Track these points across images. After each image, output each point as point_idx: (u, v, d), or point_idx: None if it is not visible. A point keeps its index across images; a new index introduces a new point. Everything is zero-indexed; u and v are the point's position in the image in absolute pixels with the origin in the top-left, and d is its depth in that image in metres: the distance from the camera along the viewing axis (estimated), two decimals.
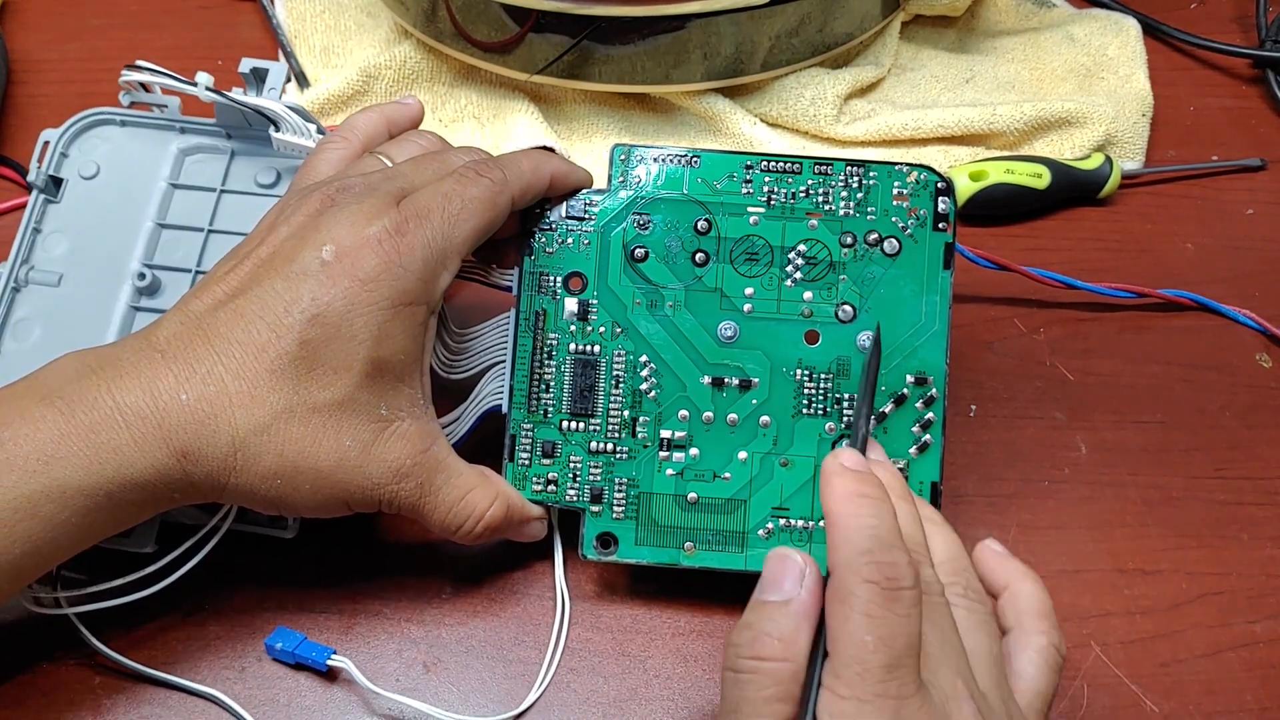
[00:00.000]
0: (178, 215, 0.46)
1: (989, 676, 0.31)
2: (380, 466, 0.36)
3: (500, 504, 0.39)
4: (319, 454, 0.35)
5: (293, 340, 0.35)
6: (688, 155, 0.41)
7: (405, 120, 0.43)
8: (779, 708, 0.29)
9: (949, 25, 0.61)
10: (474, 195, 0.37)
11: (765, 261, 0.41)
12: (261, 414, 0.35)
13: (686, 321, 0.41)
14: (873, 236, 0.40)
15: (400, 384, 0.37)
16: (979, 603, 0.33)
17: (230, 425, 0.34)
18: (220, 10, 0.60)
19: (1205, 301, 0.50)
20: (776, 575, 0.31)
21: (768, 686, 0.29)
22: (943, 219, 0.41)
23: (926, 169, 0.41)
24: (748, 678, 0.30)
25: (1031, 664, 0.33)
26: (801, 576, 0.31)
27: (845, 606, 0.29)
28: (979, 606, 0.33)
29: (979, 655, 0.31)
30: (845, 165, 0.41)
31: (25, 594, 0.38)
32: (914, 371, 0.40)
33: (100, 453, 0.33)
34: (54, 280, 0.44)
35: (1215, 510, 0.46)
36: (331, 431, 0.35)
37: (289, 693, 0.40)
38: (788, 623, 0.30)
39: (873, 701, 0.28)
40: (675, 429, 0.41)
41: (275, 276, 0.35)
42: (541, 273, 0.41)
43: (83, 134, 0.46)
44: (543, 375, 0.41)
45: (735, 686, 0.30)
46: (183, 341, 0.35)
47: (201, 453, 0.34)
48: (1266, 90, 0.59)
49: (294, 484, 0.36)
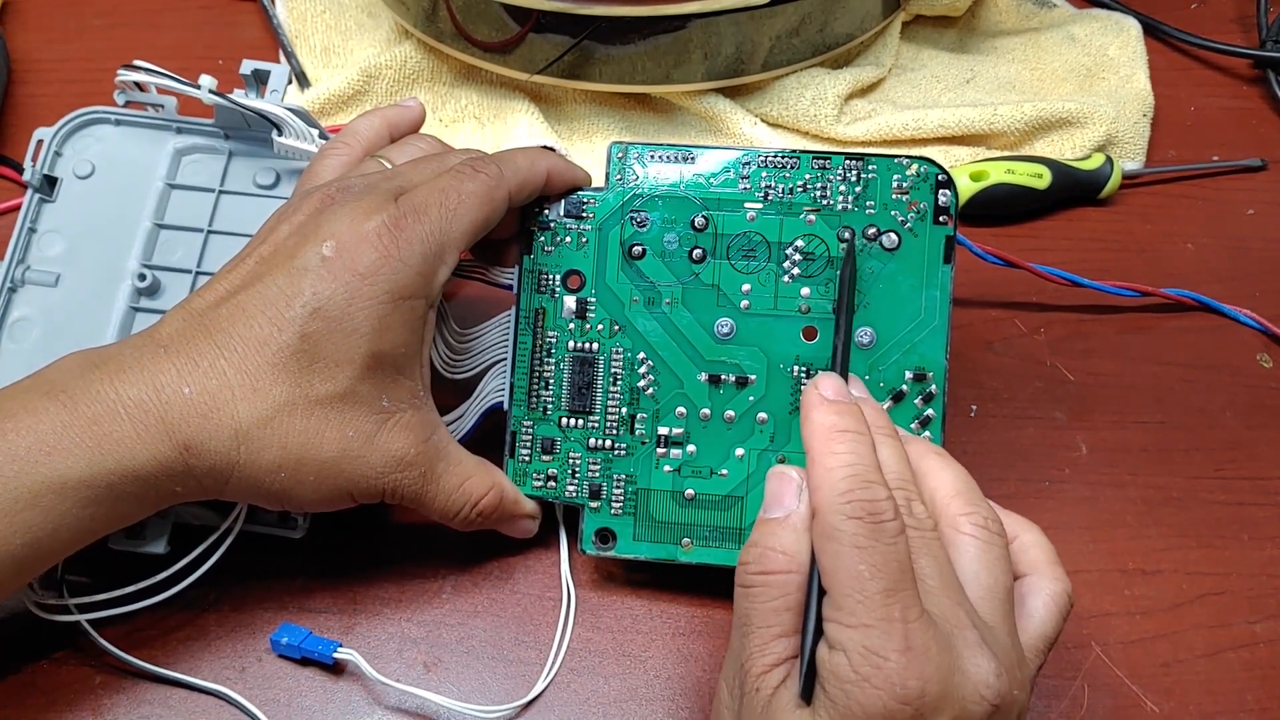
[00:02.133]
0: (175, 216, 0.45)
1: (999, 611, 0.32)
2: (383, 456, 0.37)
3: (495, 493, 0.40)
4: (322, 446, 0.36)
5: (294, 334, 0.35)
6: (684, 152, 0.41)
7: (406, 123, 0.43)
8: (786, 616, 0.31)
9: (950, 25, 0.61)
10: (470, 190, 0.38)
11: (763, 257, 0.41)
12: (264, 407, 0.35)
13: (684, 318, 0.41)
14: (871, 231, 0.40)
15: (400, 376, 0.37)
16: (998, 535, 0.33)
17: (233, 418, 0.35)
18: (220, 10, 0.60)
19: (1208, 301, 0.50)
20: (777, 492, 0.33)
21: (775, 598, 0.31)
22: (943, 212, 0.40)
23: (927, 161, 0.40)
24: (758, 590, 0.32)
25: (1044, 607, 0.34)
26: (799, 491, 0.32)
27: (834, 543, 0.30)
28: (997, 540, 0.33)
29: (994, 589, 0.32)
30: (844, 159, 0.41)
31: (28, 597, 0.38)
32: (913, 367, 0.40)
33: (102, 444, 0.33)
34: (51, 280, 0.44)
35: (1215, 510, 0.46)
36: (334, 423, 0.36)
37: (289, 692, 0.40)
38: (790, 536, 0.32)
39: (878, 625, 0.29)
40: (673, 426, 0.41)
41: (276, 272, 0.36)
42: (540, 271, 0.41)
43: (76, 133, 0.46)
44: (542, 373, 0.41)
45: (746, 599, 0.32)
46: (185, 337, 0.35)
47: (204, 445, 0.34)
48: (1267, 90, 0.59)
49: (297, 476, 0.36)
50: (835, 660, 0.29)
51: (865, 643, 0.29)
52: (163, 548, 0.40)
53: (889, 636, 0.29)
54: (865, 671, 0.28)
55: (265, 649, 0.41)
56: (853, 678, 0.29)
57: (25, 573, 0.35)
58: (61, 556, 0.35)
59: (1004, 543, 0.33)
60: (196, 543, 0.39)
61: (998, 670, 0.29)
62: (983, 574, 0.32)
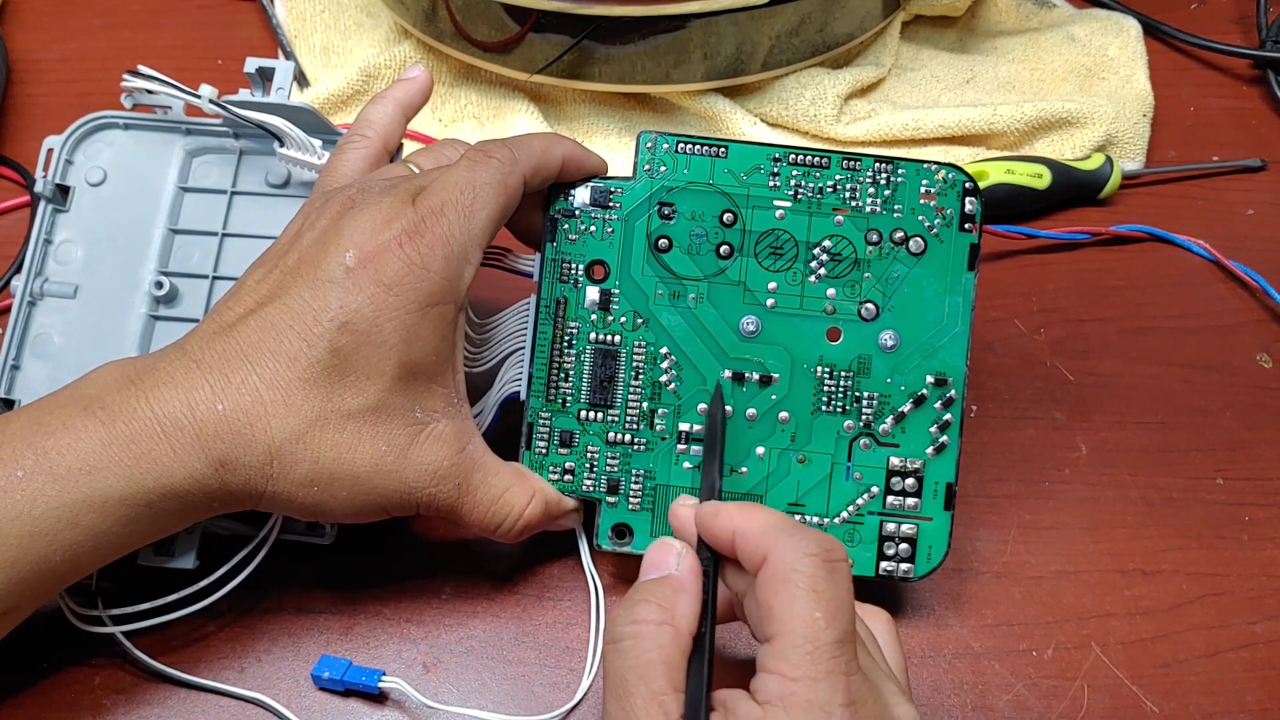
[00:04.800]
0: (190, 219, 0.45)
1: (878, 652, 0.32)
2: (417, 470, 0.36)
3: (538, 501, 0.39)
4: (355, 460, 0.35)
5: (323, 348, 0.35)
6: (716, 145, 0.41)
7: (417, 98, 0.43)
8: (663, 671, 0.29)
9: (949, 25, 0.61)
10: (484, 181, 0.37)
11: (790, 256, 0.40)
12: (296, 422, 0.35)
13: (709, 314, 0.41)
14: (899, 235, 0.40)
15: (433, 384, 0.37)
16: (843, 561, 0.32)
17: (266, 434, 0.34)
18: (220, 10, 0.60)
19: (1155, 231, 0.52)
20: (655, 558, 0.32)
21: (649, 650, 0.29)
22: (969, 219, 0.40)
23: (955, 168, 0.40)
24: (629, 644, 0.30)
25: (887, 639, 0.34)
26: (679, 557, 0.32)
27: (789, 585, 0.29)
28: (844, 568, 0.32)
29: (865, 630, 0.32)
30: (874, 161, 0.40)
31: (67, 609, 0.39)
32: (934, 372, 0.40)
33: (141, 463, 0.33)
34: (70, 292, 0.44)
35: (1215, 511, 0.46)
36: (367, 437, 0.36)
37: (288, 693, 0.40)
38: (665, 590, 0.31)
39: (826, 679, 0.28)
40: (694, 422, 0.40)
41: (302, 285, 0.35)
42: (563, 260, 0.41)
43: (86, 139, 0.46)
44: (562, 364, 0.41)
45: (616, 657, 0.30)
46: (217, 352, 0.35)
47: (239, 462, 0.34)
48: (1267, 90, 0.59)
49: (331, 491, 0.36)
50: (774, 718, 0.28)
51: (810, 696, 0.27)
52: (191, 563, 0.40)
53: (834, 690, 0.28)
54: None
55: (265, 650, 0.41)
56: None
57: (62, 584, 0.35)
58: (98, 567, 0.35)
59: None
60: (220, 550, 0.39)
61: (917, 715, 0.30)
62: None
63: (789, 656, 0.28)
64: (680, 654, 0.30)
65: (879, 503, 0.40)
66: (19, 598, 0.34)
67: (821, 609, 0.28)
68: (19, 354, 0.43)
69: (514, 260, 0.42)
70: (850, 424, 0.40)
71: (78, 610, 0.39)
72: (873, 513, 0.40)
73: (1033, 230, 0.50)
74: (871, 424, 0.40)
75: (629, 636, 0.30)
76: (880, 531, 0.40)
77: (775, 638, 0.29)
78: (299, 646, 0.41)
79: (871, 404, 0.40)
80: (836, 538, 0.40)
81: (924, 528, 0.40)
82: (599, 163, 0.41)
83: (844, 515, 0.40)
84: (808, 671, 0.28)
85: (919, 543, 0.40)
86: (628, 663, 0.29)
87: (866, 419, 0.40)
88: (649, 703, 0.29)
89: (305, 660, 0.41)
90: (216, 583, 0.39)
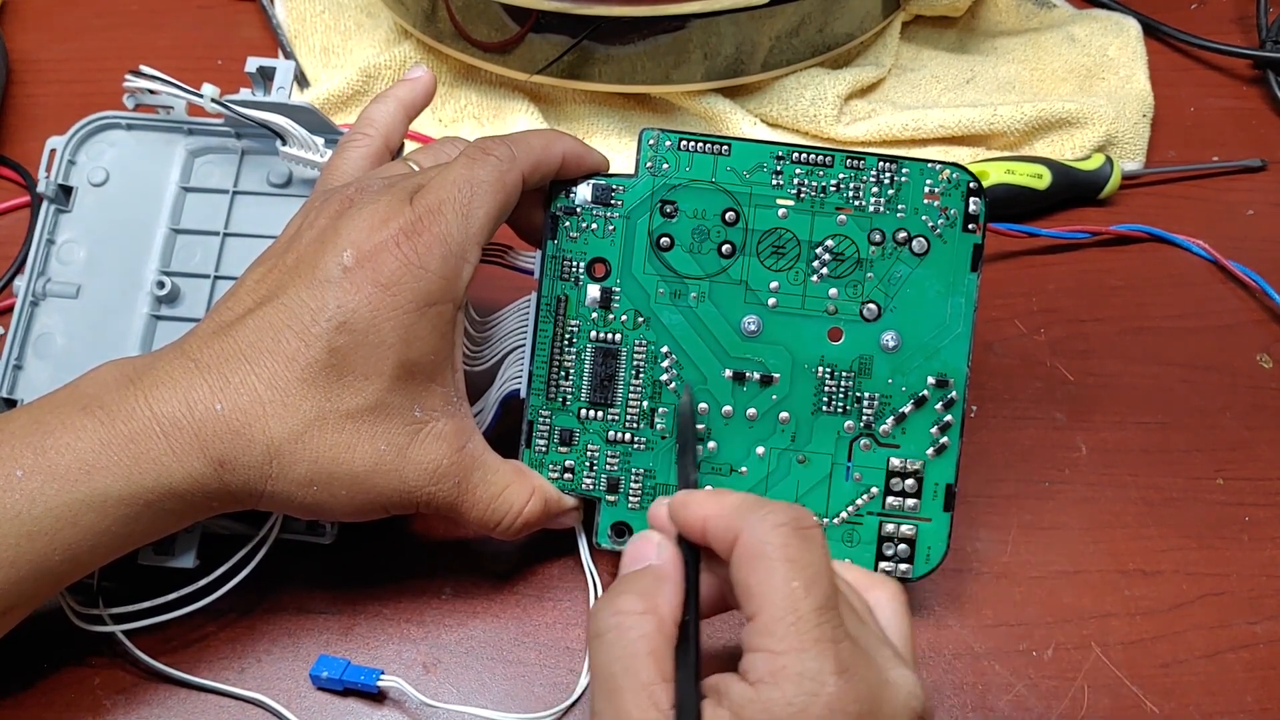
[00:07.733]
0: (191, 219, 0.45)
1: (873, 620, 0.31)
2: (416, 469, 0.36)
3: (538, 499, 0.39)
4: (354, 459, 0.36)
5: (321, 348, 0.35)
6: (718, 143, 0.41)
7: (420, 98, 0.42)
8: (649, 661, 0.28)
9: (949, 25, 0.61)
10: (483, 178, 0.37)
11: (792, 256, 0.40)
12: (295, 422, 0.35)
13: (710, 313, 0.40)
14: (902, 235, 0.40)
15: (432, 383, 0.37)
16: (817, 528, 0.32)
17: (265, 434, 0.34)
18: (220, 10, 0.60)
19: (1155, 232, 0.52)
20: (635, 552, 0.32)
21: (634, 641, 0.29)
22: (973, 220, 0.40)
23: (959, 167, 0.40)
24: (612, 636, 0.29)
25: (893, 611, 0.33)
26: (658, 549, 0.32)
27: (763, 559, 0.28)
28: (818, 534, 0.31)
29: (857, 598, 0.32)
30: (877, 160, 0.40)
31: (67, 608, 0.39)
32: (935, 373, 0.40)
33: (140, 463, 0.34)
34: (72, 292, 0.44)
35: (1215, 511, 0.46)
36: (365, 437, 0.36)
37: (288, 693, 0.40)
38: (646, 580, 0.31)
39: (812, 649, 0.27)
40: None
41: (300, 284, 0.35)
42: (564, 258, 0.41)
43: (89, 139, 0.46)
44: (563, 362, 0.40)
45: (601, 650, 0.29)
46: (215, 351, 0.35)
47: (238, 462, 0.34)
48: (1267, 91, 0.59)
49: (330, 490, 0.36)
50: (766, 695, 0.27)
51: (800, 668, 0.27)
52: (191, 562, 0.40)
53: (824, 658, 0.27)
54: (802, 701, 0.27)
55: (265, 650, 0.41)
56: (787, 711, 0.27)
57: (61, 583, 0.35)
58: (97, 566, 0.35)
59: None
60: (220, 550, 0.39)
61: (916, 679, 0.29)
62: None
63: (773, 630, 0.28)
64: (666, 643, 0.29)
65: (878, 503, 0.40)
66: (18, 597, 0.34)
67: (798, 577, 0.28)
68: (21, 354, 0.43)
69: (515, 257, 0.42)
70: (851, 424, 0.40)
71: (79, 609, 0.39)
72: (872, 513, 0.40)
73: (1033, 229, 0.50)
74: (872, 425, 0.40)
75: (612, 629, 0.29)
76: (879, 532, 0.40)
77: (757, 614, 0.28)
78: (299, 646, 0.41)
79: (872, 404, 0.40)
80: (831, 538, 0.40)
81: (923, 529, 0.40)
82: (600, 159, 0.41)
83: (843, 515, 0.40)
84: (793, 643, 0.27)
85: (918, 544, 0.40)
86: (613, 654, 0.29)
87: (867, 419, 0.40)
88: (638, 694, 0.28)
89: (305, 660, 0.41)
90: (216, 582, 0.39)
